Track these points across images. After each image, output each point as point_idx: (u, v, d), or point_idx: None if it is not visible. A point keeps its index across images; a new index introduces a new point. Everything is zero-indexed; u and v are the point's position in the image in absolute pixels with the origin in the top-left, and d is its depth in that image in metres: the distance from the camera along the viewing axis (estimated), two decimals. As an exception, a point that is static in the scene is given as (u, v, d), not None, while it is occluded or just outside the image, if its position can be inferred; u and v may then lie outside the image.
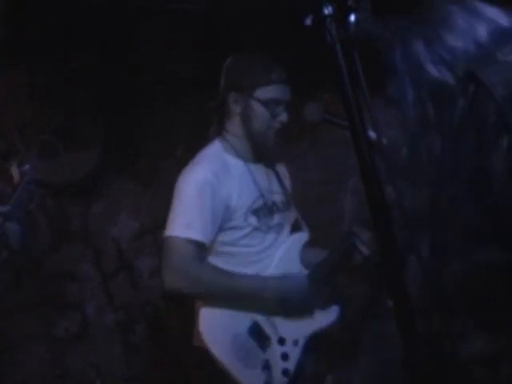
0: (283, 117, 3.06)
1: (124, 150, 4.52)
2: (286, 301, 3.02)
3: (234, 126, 3.12)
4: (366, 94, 1.80)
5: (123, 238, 4.56)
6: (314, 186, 4.30)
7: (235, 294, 2.96)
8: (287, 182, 3.37)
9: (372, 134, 2.05)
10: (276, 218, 3.16)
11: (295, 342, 3.06)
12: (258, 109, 3.04)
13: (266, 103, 3.03)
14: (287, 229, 3.24)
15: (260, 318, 3.03)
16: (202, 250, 2.96)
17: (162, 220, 4.49)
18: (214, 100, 3.17)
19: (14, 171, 3.00)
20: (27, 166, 2.96)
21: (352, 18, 1.80)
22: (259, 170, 3.18)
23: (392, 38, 3.82)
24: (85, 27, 4.08)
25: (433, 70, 3.24)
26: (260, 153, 3.16)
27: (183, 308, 4.37)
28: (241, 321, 2.99)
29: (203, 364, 2.95)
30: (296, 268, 3.17)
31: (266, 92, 3.03)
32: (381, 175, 1.77)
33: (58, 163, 4.38)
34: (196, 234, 2.92)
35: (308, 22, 1.84)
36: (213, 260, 3.02)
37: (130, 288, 4.53)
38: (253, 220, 3.06)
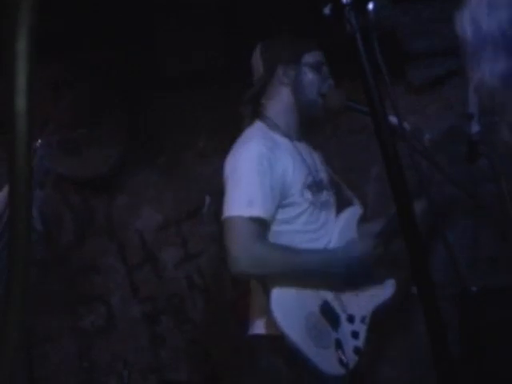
0: (331, 80, 3.19)
1: (147, 142, 4.53)
2: (351, 266, 3.02)
3: (280, 101, 3.18)
4: (387, 81, 1.81)
5: (147, 230, 4.57)
6: (337, 173, 4.30)
7: (302, 271, 2.94)
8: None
9: (393, 120, 2.05)
10: (324, 195, 3.16)
11: (363, 319, 3.06)
12: (309, 73, 3.16)
13: (315, 66, 3.16)
14: (333, 207, 3.23)
15: (329, 297, 3.01)
16: (264, 227, 2.93)
17: (185, 211, 4.55)
18: (249, 87, 3.24)
19: None
20: (39, 142, 2.90)
21: (371, 6, 1.81)
22: (304, 148, 3.20)
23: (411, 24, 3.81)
24: (107, 22, 4.09)
25: None
26: (307, 124, 3.23)
27: (209, 298, 4.43)
28: (312, 300, 2.96)
29: (271, 353, 2.94)
30: None
31: (312, 57, 3.18)
32: (403, 161, 1.78)
33: (82, 158, 4.41)
34: (259, 211, 2.88)
35: (327, 11, 1.85)
36: (272, 240, 2.98)
37: (154, 280, 4.54)
38: (308, 195, 3.05)
